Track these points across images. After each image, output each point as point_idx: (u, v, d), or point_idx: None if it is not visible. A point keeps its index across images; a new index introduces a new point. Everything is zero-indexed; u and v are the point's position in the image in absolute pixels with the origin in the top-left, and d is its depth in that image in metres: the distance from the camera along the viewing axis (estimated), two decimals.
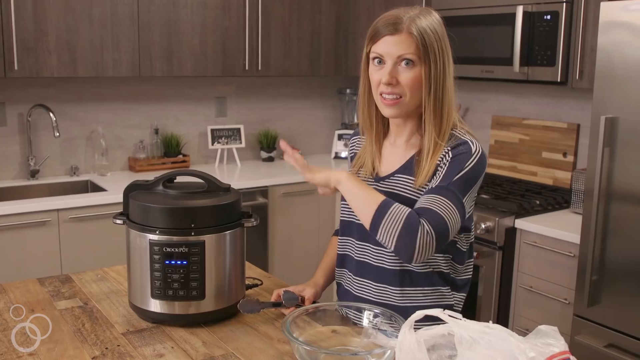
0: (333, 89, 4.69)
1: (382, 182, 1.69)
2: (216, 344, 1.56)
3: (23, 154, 3.61)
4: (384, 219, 1.51)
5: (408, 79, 1.58)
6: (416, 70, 1.57)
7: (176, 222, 1.60)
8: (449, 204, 1.53)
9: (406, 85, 1.58)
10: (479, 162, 1.59)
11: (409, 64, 1.57)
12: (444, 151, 1.60)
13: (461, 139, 1.61)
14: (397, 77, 1.58)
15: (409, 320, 1.23)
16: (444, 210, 1.52)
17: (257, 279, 1.95)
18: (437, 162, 1.60)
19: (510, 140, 3.72)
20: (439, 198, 1.53)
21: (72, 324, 1.65)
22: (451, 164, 1.58)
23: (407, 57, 1.56)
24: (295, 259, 3.96)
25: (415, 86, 1.58)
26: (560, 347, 1.13)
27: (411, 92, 1.59)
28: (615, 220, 2.47)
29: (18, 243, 3.05)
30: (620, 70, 2.41)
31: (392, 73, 1.58)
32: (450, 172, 1.57)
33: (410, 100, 1.60)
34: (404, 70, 1.58)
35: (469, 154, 1.59)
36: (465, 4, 3.37)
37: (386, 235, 1.51)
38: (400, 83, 1.58)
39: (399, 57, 1.57)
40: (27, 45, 3.20)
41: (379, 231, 1.52)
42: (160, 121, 4.03)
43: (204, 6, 3.68)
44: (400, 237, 1.49)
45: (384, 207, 1.52)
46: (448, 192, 1.54)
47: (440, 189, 1.55)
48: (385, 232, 1.51)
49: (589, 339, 2.56)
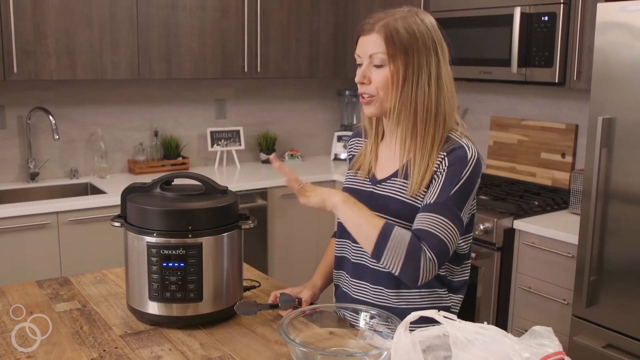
0: (332, 91, 4.69)
1: (378, 185, 1.70)
2: (214, 345, 1.57)
3: (23, 157, 3.62)
4: (386, 247, 1.53)
5: (377, 78, 1.61)
6: (386, 70, 1.60)
7: (173, 225, 1.61)
8: (447, 224, 1.55)
9: (377, 84, 1.61)
10: (475, 168, 1.60)
11: (378, 63, 1.60)
12: (440, 157, 1.60)
13: (457, 143, 1.61)
14: (370, 76, 1.62)
15: (404, 321, 1.23)
16: (443, 232, 1.54)
17: (255, 281, 1.95)
18: (434, 168, 1.60)
19: (509, 141, 3.72)
20: (437, 218, 1.55)
21: (70, 326, 1.65)
22: (448, 173, 1.58)
23: (377, 56, 1.60)
24: (295, 261, 3.97)
25: (387, 86, 1.60)
26: (554, 348, 1.13)
27: (383, 91, 1.61)
28: (613, 220, 2.47)
29: (17, 246, 3.05)
30: (617, 71, 2.41)
31: (364, 72, 1.63)
32: (447, 184, 1.58)
33: (385, 99, 1.62)
34: (375, 70, 1.61)
35: (464, 161, 1.59)
36: (463, 6, 3.37)
37: (390, 262, 1.54)
38: (372, 82, 1.62)
39: (370, 57, 1.61)
40: (26, 48, 3.20)
41: (383, 258, 1.55)
42: (160, 123, 4.03)
43: (203, 9, 3.69)
44: (405, 264, 1.53)
45: (386, 234, 1.53)
46: (445, 210, 1.56)
47: (437, 207, 1.56)
48: (389, 260, 1.54)
49: (588, 340, 2.56)
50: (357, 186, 1.75)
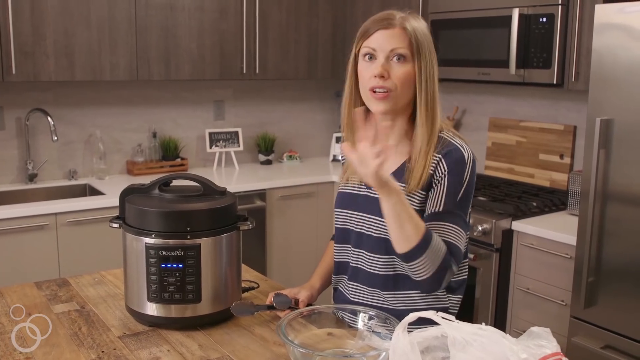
0: (331, 92, 4.69)
1: (373, 188, 1.69)
2: (212, 346, 1.57)
3: (21, 158, 3.62)
4: (425, 252, 1.52)
5: (400, 74, 1.57)
6: (408, 66, 1.57)
7: (172, 226, 1.61)
8: (460, 232, 1.60)
9: (398, 79, 1.57)
10: (473, 169, 1.62)
11: (400, 59, 1.57)
12: (435, 158, 1.60)
13: (452, 144, 1.61)
14: (389, 71, 1.58)
15: (403, 322, 1.23)
16: (460, 241, 1.61)
17: (254, 282, 1.95)
18: (430, 171, 1.60)
19: (508, 142, 3.73)
20: (454, 228, 1.59)
21: (69, 328, 1.65)
22: (449, 179, 1.59)
23: (399, 51, 1.57)
24: (293, 262, 3.97)
25: (407, 82, 1.58)
26: (552, 349, 1.14)
27: (402, 87, 1.58)
28: (611, 221, 2.48)
29: (16, 247, 3.05)
30: (615, 72, 2.42)
31: (384, 66, 1.57)
32: (452, 189, 1.59)
33: (400, 96, 1.59)
34: (396, 64, 1.58)
35: (463, 164, 1.60)
36: (461, 7, 3.38)
37: (422, 268, 1.55)
38: (391, 77, 1.58)
39: (392, 51, 1.57)
40: (24, 49, 3.21)
41: (416, 262, 1.54)
42: (158, 124, 4.03)
43: (201, 10, 3.69)
44: (435, 273, 1.56)
45: (427, 240, 1.52)
46: (457, 218, 1.60)
47: (450, 216, 1.59)
48: (422, 265, 1.54)
49: (586, 341, 2.57)
50: (352, 190, 1.74)
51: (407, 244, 1.51)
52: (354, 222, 1.73)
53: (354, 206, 1.73)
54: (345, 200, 1.76)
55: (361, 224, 1.70)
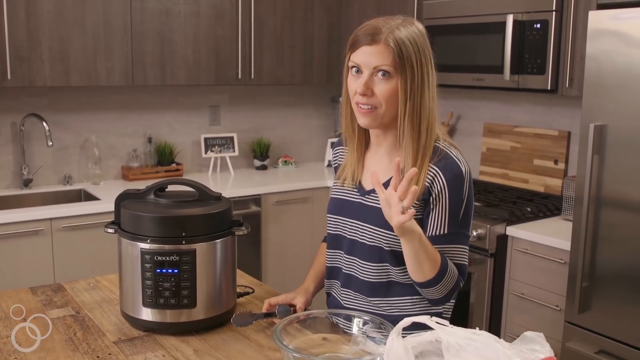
0: (326, 97, 4.70)
1: (367, 195, 1.69)
2: (207, 352, 1.57)
3: (16, 163, 3.62)
4: (440, 282, 1.57)
5: (384, 91, 1.56)
6: (392, 82, 1.55)
7: (167, 231, 1.61)
8: (465, 250, 1.65)
9: (381, 96, 1.56)
10: (470, 182, 1.63)
11: (385, 75, 1.55)
12: (431, 170, 1.59)
13: (448, 156, 1.60)
14: (373, 87, 1.57)
15: (397, 327, 1.24)
16: (465, 257, 1.65)
17: (249, 287, 1.96)
18: (427, 183, 1.59)
19: (502, 148, 3.74)
20: (459, 248, 1.63)
21: (64, 333, 1.65)
22: (450, 198, 1.59)
23: (383, 68, 1.55)
24: (288, 267, 3.97)
25: (391, 98, 1.56)
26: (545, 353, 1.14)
27: (387, 104, 1.57)
28: (605, 226, 2.49)
29: (11, 252, 3.05)
30: (609, 78, 2.43)
31: (367, 84, 1.56)
32: (453, 213, 1.60)
33: (386, 112, 1.58)
34: (380, 81, 1.56)
35: (461, 179, 1.60)
36: (456, 13, 3.39)
37: (435, 293, 1.61)
38: (375, 94, 1.57)
39: (375, 68, 1.56)
40: (20, 54, 3.21)
41: (430, 289, 1.59)
42: (154, 130, 4.04)
43: (197, 15, 3.70)
44: (447, 294, 1.61)
45: (443, 274, 1.57)
46: (461, 237, 1.63)
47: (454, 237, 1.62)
48: (437, 291, 1.60)
49: (580, 345, 2.57)
50: (346, 196, 1.74)
51: (423, 277, 1.56)
52: (347, 229, 1.72)
53: (347, 213, 1.72)
54: (338, 206, 1.75)
55: (354, 231, 1.70)
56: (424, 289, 1.59)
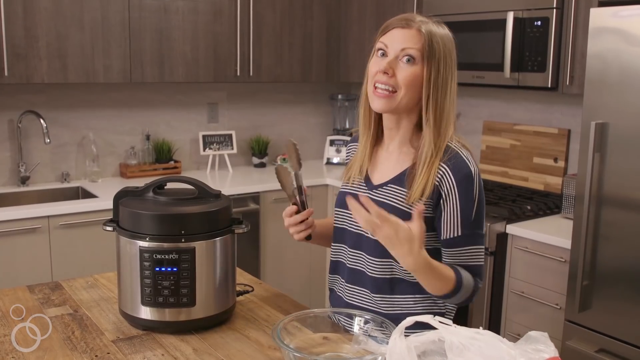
0: (325, 95, 4.69)
1: (375, 190, 1.68)
2: (207, 351, 1.56)
3: (13, 161, 3.60)
4: (457, 295, 1.57)
5: (406, 75, 1.56)
6: (416, 68, 1.56)
7: (166, 229, 1.60)
8: (480, 249, 1.63)
9: (402, 80, 1.56)
10: (480, 182, 1.62)
11: (410, 60, 1.56)
12: (441, 169, 1.59)
13: (459, 156, 1.60)
14: (395, 69, 1.57)
15: (400, 326, 1.23)
16: (480, 257, 1.63)
17: (249, 286, 1.95)
18: (436, 182, 1.58)
19: (502, 146, 3.73)
20: (473, 249, 1.62)
21: (62, 332, 1.64)
22: (461, 200, 1.58)
23: (410, 52, 1.55)
24: (287, 265, 3.95)
25: (412, 84, 1.56)
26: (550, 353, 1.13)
27: (406, 89, 1.56)
28: (605, 225, 2.48)
29: (8, 250, 3.03)
30: (610, 76, 2.42)
31: (390, 63, 1.57)
32: (465, 214, 1.59)
33: (403, 98, 1.57)
34: (404, 65, 1.56)
35: (471, 180, 1.59)
36: (456, 10, 3.38)
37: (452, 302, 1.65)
38: (396, 76, 1.56)
39: (402, 50, 1.56)
40: (17, 51, 3.19)
41: (449, 301, 1.62)
42: (152, 127, 4.02)
43: (195, 12, 3.68)
44: (465, 300, 1.62)
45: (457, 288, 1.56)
46: (475, 238, 1.62)
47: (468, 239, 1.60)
48: (454, 302, 1.63)
49: (580, 344, 2.57)
50: (354, 190, 1.74)
51: (438, 293, 1.56)
52: (353, 223, 1.72)
53: None
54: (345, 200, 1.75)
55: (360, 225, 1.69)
56: (447, 301, 1.64)
